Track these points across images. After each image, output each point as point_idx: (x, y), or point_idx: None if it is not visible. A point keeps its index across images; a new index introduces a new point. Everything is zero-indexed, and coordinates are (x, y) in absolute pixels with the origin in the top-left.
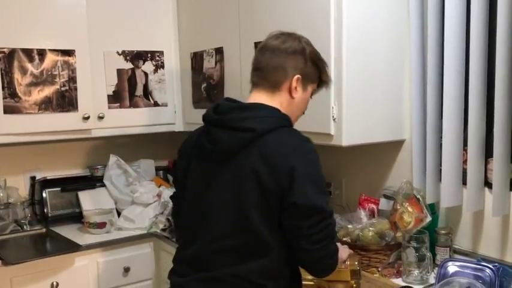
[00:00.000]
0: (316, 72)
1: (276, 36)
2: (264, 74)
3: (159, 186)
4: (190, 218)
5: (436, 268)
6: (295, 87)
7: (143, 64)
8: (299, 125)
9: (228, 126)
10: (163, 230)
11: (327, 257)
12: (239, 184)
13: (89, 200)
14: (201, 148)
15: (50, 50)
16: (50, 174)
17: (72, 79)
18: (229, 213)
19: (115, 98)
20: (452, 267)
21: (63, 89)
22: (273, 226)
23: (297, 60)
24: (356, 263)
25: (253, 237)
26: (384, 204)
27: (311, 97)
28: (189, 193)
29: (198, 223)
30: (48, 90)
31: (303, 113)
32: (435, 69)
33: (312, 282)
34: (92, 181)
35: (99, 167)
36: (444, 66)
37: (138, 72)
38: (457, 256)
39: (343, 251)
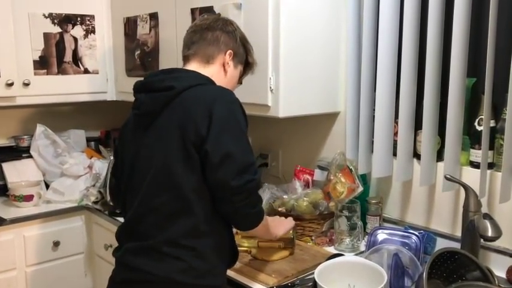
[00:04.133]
0: (244, 54)
1: (206, 17)
2: (197, 47)
3: (91, 158)
4: (127, 189)
5: (367, 236)
6: (228, 62)
7: (72, 28)
8: (237, 96)
9: (149, 89)
10: (95, 202)
11: (251, 209)
12: (163, 142)
13: (14, 172)
14: (132, 119)
15: None
16: None
17: None
18: (155, 173)
19: (42, 64)
20: (381, 235)
21: None
22: (197, 180)
23: (229, 37)
24: (291, 231)
25: (176, 194)
26: (318, 175)
27: (240, 82)
28: (126, 164)
29: (133, 192)
30: None
31: None
32: (370, 43)
33: (245, 248)
34: (17, 152)
35: (25, 137)
36: (378, 41)
37: (66, 37)
38: (386, 224)
39: (280, 225)
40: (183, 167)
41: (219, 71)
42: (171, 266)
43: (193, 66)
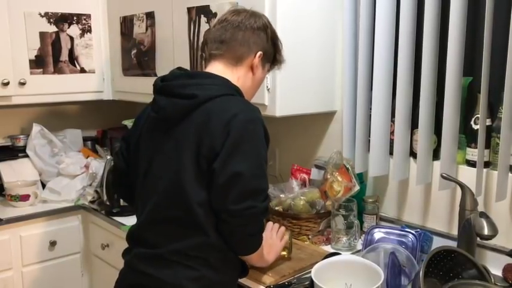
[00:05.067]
0: (273, 52)
1: (238, 12)
2: (227, 47)
3: (87, 157)
4: (141, 192)
5: (364, 235)
6: (257, 65)
7: (68, 27)
8: None
9: (171, 93)
10: (91, 202)
11: (248, 236)
12: (178, 153)
13: (11, 172)
14: (148, 117)
15: None
16: None
17: None
18: (168, 184)
19: (38, 63)
20: (378, 234)
21: None
22: (207, 195)
23: (259, 37)
24: (287, 236)
25: (185, 208)
26: (315, 174)
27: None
28: (140, 166)
29: (146, 196)
30: None
31: (254, 95)
32: (366, 43)
33: None
34: (14, 151)
35: (21, 136)
36: (375, 41)
37: (62, 36)
38: (383, 223)
39: (272, 251)
40: (195, 181)
41: (246, 72)
42: (181, 274)
43: (220, 67)
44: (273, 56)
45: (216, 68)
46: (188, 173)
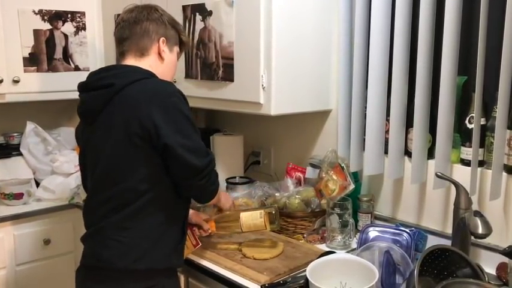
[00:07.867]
0: (176, 35)
1: (131, 10)
2: (129, 43)
3: None
4: (86, 183)
5: (358, 233)
6: (163, 49)
7: (63, 25)
8: (229, 94)
9: (91, 88)
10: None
11: (212, 186)
12: (107, 139)
13: (4, 170)
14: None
15: None
16: None
17: None
18: (102, 169)
19: (31, 61)
20: (373, 233)
21: None
22: (147, 171)
23: (157, 25)
24: (274, 211)
25: (123, 187)
26: (310, 172)
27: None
28: (81, 159)
29: (87, 187)
30: None
31: (173, 77)
32: (362, 41)
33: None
34: (7, 149)
35: (15, 134)
36: (370, 39)
37: (57, 34)
38: (377, 222)
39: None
40: (131, 161)
41: (155, 60)
42: (112, 251)
43: (131, 61)
44: (178, 39)
45: (127, 63)
46: (122, 155)
